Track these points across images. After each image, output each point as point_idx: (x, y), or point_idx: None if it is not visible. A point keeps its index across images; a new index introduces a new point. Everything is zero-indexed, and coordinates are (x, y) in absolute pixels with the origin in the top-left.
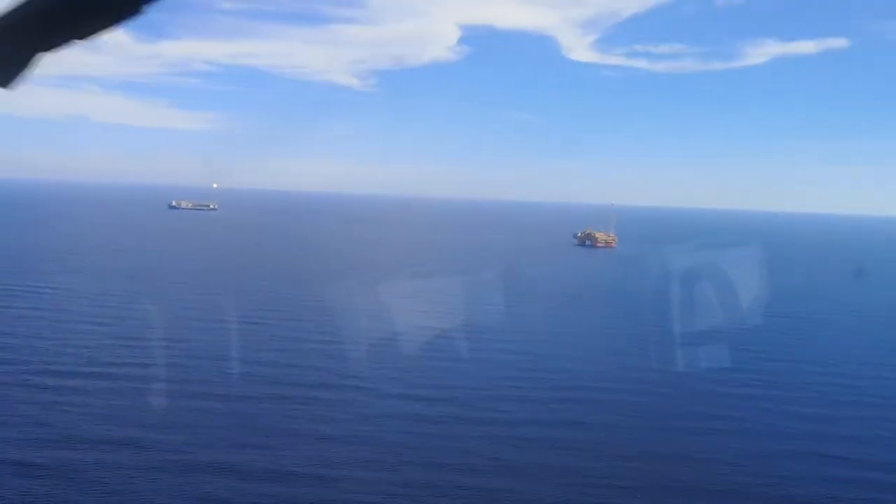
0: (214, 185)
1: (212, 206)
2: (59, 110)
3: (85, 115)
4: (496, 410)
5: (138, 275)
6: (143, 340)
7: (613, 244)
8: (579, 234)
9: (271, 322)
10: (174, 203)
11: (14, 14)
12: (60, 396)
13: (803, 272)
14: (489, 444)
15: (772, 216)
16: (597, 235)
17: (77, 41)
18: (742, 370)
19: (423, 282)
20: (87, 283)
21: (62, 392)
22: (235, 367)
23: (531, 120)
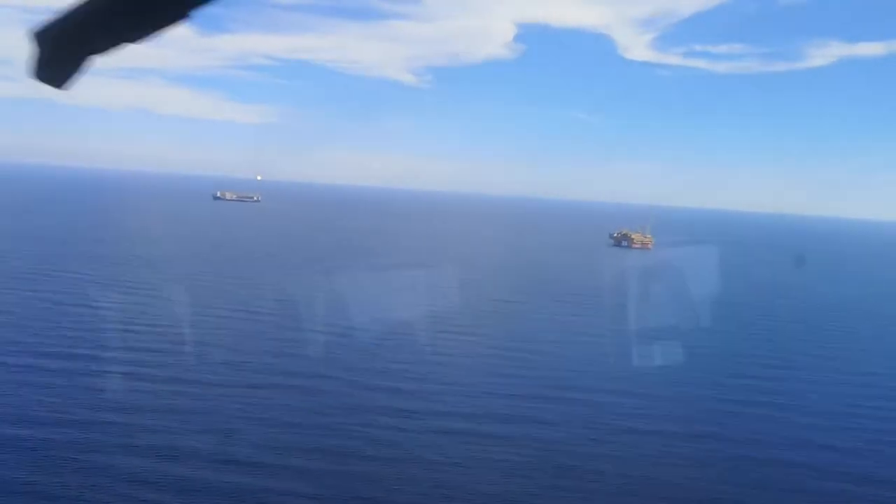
0: (259, 178)
1: (255, 198)
2: (122, 101)
3: (146, 106)
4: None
5: (158, 263)
6: (132, 326)
7: (650, 246)
8: (615, 235)
9: (273, 312)
10: (218, 194)
11: (67, 18)
12: (27, 377)
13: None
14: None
15: (827, 221)
16: (633, 236)
17: (127, 44)
18: (740, 375)
19: (435, 277)
20: (103, 270)
21: (29, 373)
22: (213, 356)
23: (585, 119)
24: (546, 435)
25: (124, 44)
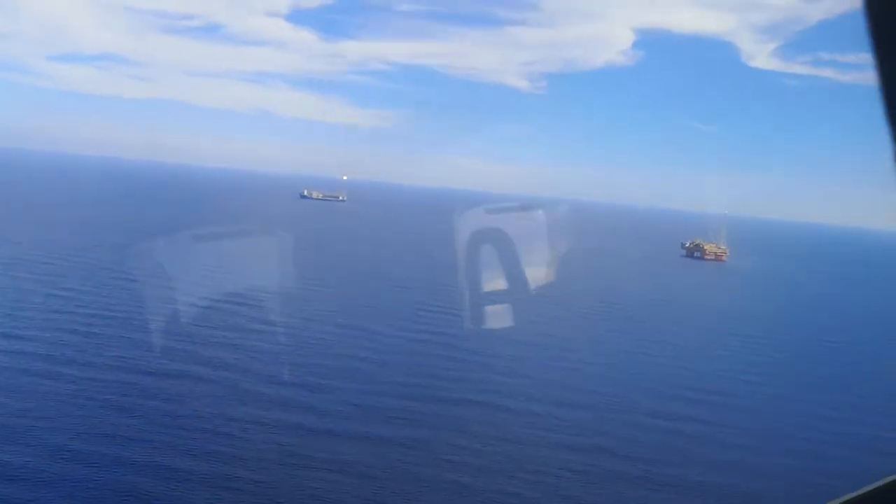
0: (344, 177)
1: (340, 198)
2: (247, 103)
3: (270, 109)
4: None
5: None
6: (91, 310)
7: (724, 257)
8: (687, 245)
9: (261, 304)
10: (305, 192)
11: None
12: None
13: None
14: None
15: None
16: (705, 247)
17: None
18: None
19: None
20: (104, 257)
21: None
22: (160, 342)
23: (701, 128)
24: None
25: None
